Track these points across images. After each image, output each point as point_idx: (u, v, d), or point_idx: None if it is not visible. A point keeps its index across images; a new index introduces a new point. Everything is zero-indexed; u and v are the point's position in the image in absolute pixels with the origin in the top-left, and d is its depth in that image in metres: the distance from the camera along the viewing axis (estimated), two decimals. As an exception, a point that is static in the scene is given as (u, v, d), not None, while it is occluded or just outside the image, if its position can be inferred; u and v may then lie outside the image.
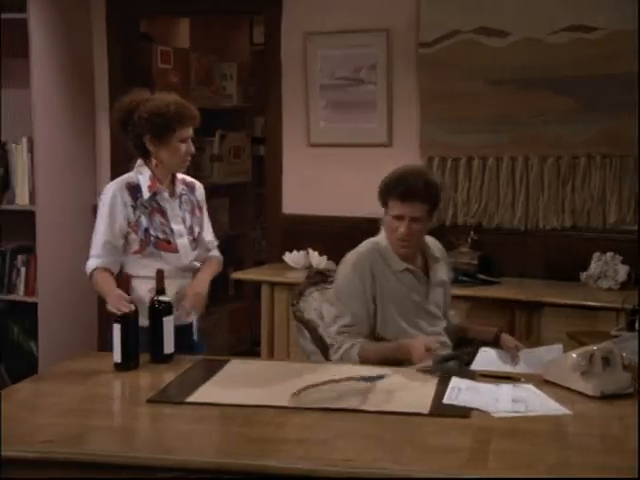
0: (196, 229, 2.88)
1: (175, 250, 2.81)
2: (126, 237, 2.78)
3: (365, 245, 2.86)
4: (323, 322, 3.01)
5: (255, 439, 2.00)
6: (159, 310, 2.61)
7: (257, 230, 5.77)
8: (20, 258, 4.26)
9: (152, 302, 2.63)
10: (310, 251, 4.08)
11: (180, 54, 5.07)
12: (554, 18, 3.84)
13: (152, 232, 2.78)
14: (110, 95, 4.42)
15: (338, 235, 4.06)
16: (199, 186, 2.97)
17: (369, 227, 4.07)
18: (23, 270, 4.25)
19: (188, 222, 2.87)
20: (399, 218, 2.73)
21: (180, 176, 2.90)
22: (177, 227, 2.82)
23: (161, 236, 2.79)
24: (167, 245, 2.79)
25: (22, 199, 4.20)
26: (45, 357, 4.19)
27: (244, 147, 5.59)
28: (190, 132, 2.82)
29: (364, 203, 4.20)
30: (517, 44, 3.89)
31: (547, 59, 3.87)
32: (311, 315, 3.05)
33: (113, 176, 3.74)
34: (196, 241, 2.88)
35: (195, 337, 2.96)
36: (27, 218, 4.18)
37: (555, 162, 3.95)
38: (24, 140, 4.16)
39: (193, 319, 2.92)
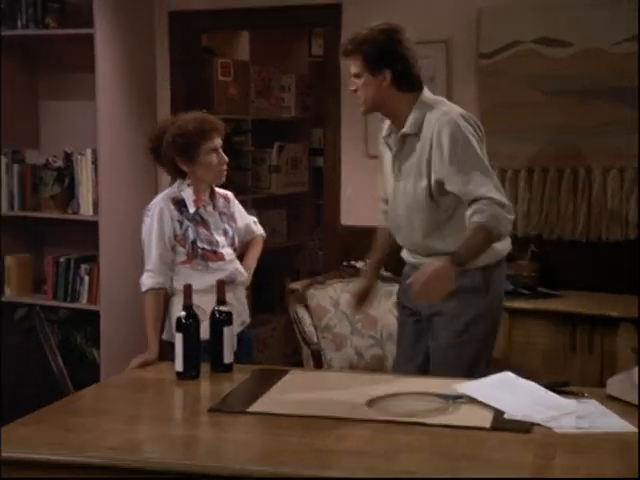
0: (236, 239, 2.98)
1: (222, 258, 2.88)
2: (173, 249, 2.86)
3: None
4: (335, 309, 3.29)
5: (315, 450, 2.01)
6: (220, 320, 2.65)
7: (314, 241, 5.80)
8: (83, 267, 4.36)
9: (212, 312, 2.67)
10: (367, 261, 4.07)
11: (240, 66, 5.14)
12: (617, 28, 3.78)
13: (199, 244, 2.86)
14: (172, 107, 4.50)
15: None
16: (232, 196, 3.07)
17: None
18: (86, 279, 4.35)
19: (230, 233, 2.96)
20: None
21: (216, 190, 2.99)
22: (220, 238, 2.91)
23: (207, 247, 2.87)
24: (214, 255, 2.87)
25: (86, 209, 4.30)
26: (107, 364, 4.27)
27: (302, 158, 5.63)
28: (217, 142, 2.88)
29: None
30: (579, 54, 3.84)
31: (609, 69, 3.81)
32: (320, 302, 3.13)
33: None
34: (236, 250, 2.98)
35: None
36: (91, 228, 4.27)
37: (618, 174, 3.88)
38: (88, 151, 4.26)
39: (240, 329, 2.94)
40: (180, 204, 2.88)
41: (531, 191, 4.02)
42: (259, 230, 3.18)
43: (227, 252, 2.91)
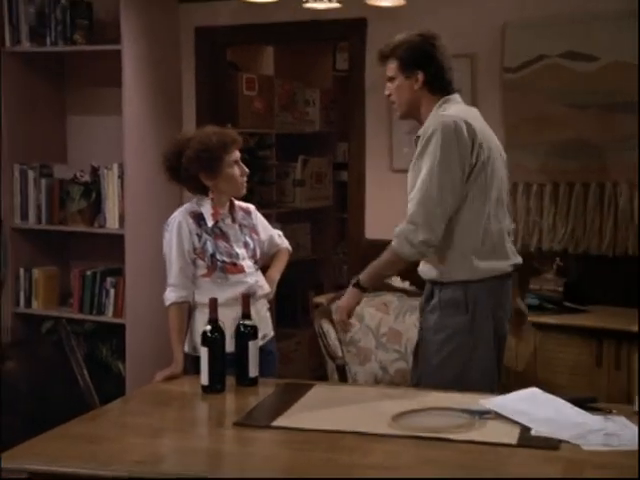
0: (257, 251, 2.98)
1: (242, 271, 2.89)
2: (194, 262, 2.88)
3: None
4: (360, 323, 3.38)
5: (341, 465, 2.01)
6: (245, 334, 2.66)
7: (338, 254, 5.80)
8: (109, 280, 4.38)
9: (238, 326, 2.68)
10: (393, 276, 4.07)
11: (264, 81, 5.17)
12: (644, 42, 3.77)
13: (218, 257, 2.87)
14: (197, 122, 4.53)
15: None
16: (253, 209, 3.08)
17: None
18: (112, 292, 4.37)
19: (251, 245, 2.96)
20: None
21: (237, 203, 3.00)
22: (240, 250, 2.92)
23: (227, 260, 2.88)
24: (233, 267, 2.88)
25: (112, 223, 4.33)
26: (132, 377, 4.29)
27: (326, 172, 5.65)
28: (237, 154, 2.92)
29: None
30: (606, 68, 3.82)
31: (635, 83, 3.79)
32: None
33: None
34: (257, 263, 2.98)
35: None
36: (117, 241, 4.31)
37: (646, 188, 3.86)
38: (115, 166, 4.29)
39: (262, 343, 2.92)
40: (199, 218, 2.90)
41: (557, 205, 4.00)
42: (284, 243, 3.18)
43: (247, 264, 2.92)
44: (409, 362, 3.57)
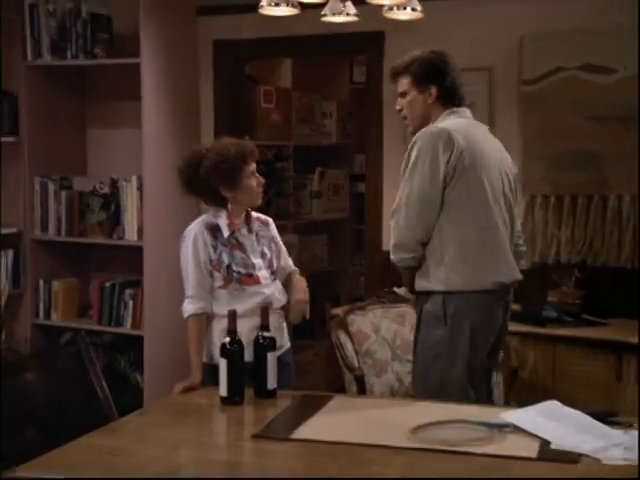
0: (274, 262, 2.98)
1: (258, 282, 2.90)
2: (210, 274, 2.89)
3: None
4: (376, 335, 3.34)
5: (360, 478, 2.01)
6: (263, 346, 2.67)
7: (355, 266, 5.80)
8: (128, 292, 4.41)
9: (256, 337, 2.69)
10: (410, 288, 4.07)
11: (282, 93, 5.20)
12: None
13: (234, 267, 2.88)
14: (215, 134, 4.56)
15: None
16: (271, 221, 3.09)
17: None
18: (130, 303, 4.40)
19: (268, 255, 2.97)
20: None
21: (254, 214, 3.01)
22: (257, 261, 2.93)
23: (243, 271, 2.88)
24: (249, 278, 2.89)
25: (131, 234, 4.36)
26: (150, 389, 4.31)
27: (343, 184, 5.66)
28: (254, 166, 2.94)
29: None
30: (624, 81, 3.82)
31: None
32: (361, 328, 3.27)
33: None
34: (274, 274, 2.97)
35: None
36: (135, 253, 4.33)
37: (665, 200, 3.84)
38: (134, 178, 4.33)
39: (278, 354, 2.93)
40: (214, 229, 2.91)
41: (575, 217, 3.99)
42: (293, 266, 3.14)
43: (263, 275, 2.92)
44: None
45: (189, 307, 2.90)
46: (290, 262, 3.11)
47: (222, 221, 2.91)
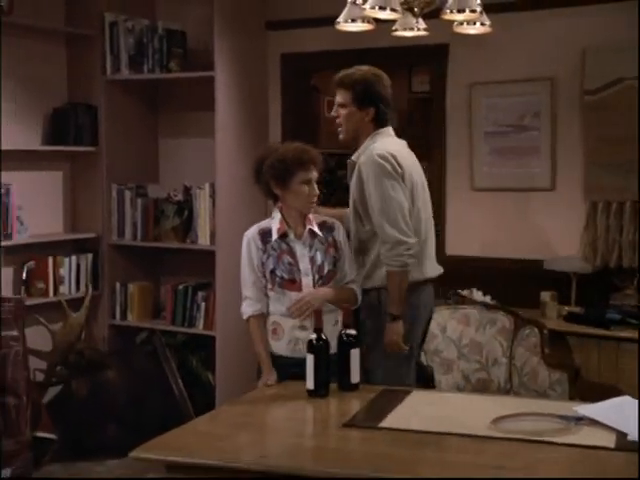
0: (326, 267, 3.04)
1: (299, 289, 3.00)
2: (264, 276, 3.04)
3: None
4: (443, 335, 3.56)
5: (452, 462, 2.15)
6: (347, 342, 2.84)
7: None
8: (200, 294, 4.59)
9: (340, 335, 2.86)
10: (474, 290, 4.21)
11: (344, 104, 5.34)
12: None
13: (278, 272, 3.00)
14: (282, 143, 4.73)
15: (500, 275, 4.19)
16: (338, 225, 3.15)
17: (531, 267, 4.20)
18: (203, 305, 4.58)
19: (318, 261, 3.04)
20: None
21: (320, 218, 3.11)
22: (304, 266, 3.02)
23: (286, 276, 3.00)
24: (291, 284, 3.00)
25: (203, 239, 4.55)
26: (221, 387, 4.48)
27: (402, 191, 5.78)
28: (312, 174, 3.01)
29: (525, 245, 4.34)
30: (684, 90, 3.93)
31: None
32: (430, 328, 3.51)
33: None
34: (323, 278, 3.03)
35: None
36: (208, 257, 4.51)
37: None
38: (207, 185, 4.52)
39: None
40: (266, 234, 3.05)
41: (636, 222, 4.09)
42: (352, 286, 3.12)
43: (307, 282, 3.00)
44: (490, 372, 3.69)
45: (247, 309, 3.07)
46: (350, 270, 3.13)
47: (274, 225, 3.05)
